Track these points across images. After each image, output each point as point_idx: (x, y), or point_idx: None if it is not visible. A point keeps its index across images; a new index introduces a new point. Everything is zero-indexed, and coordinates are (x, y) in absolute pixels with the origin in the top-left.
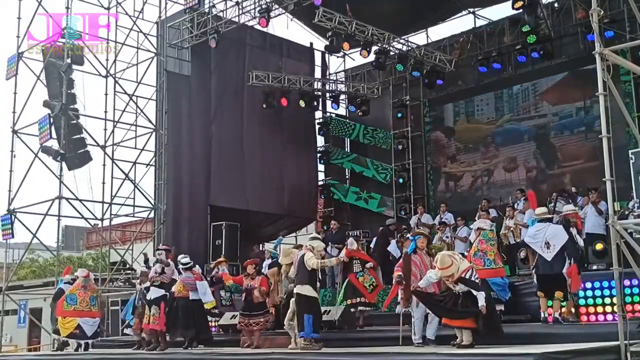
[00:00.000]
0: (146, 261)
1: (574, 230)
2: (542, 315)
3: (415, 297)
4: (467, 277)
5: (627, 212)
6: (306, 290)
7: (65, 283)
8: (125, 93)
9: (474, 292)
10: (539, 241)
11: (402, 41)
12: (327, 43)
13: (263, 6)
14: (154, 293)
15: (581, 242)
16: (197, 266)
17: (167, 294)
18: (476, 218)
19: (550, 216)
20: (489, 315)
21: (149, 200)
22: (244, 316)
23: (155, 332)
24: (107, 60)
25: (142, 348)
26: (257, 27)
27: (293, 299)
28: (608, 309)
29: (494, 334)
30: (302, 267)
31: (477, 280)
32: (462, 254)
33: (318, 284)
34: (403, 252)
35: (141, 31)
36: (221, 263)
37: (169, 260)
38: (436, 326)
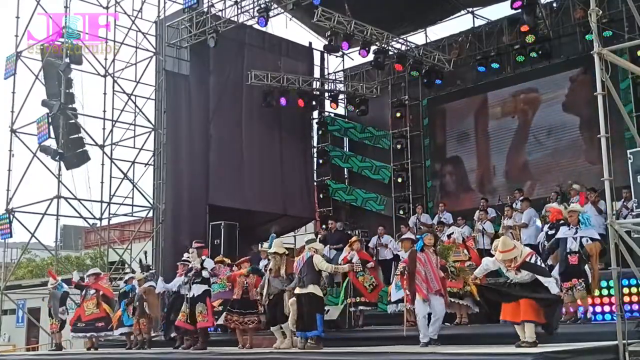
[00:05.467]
0: (141, 263)
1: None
2: None
3: (478, 291)
4: (531, 262)
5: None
6: (316, 290)
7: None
8: (124, 92)
9: (542, 279)
10: None
11: (400, 41)
12: (326, 42)
13: (262, 5)
14: (196, 289)
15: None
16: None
17: (210, 289)
18: (475, 218)
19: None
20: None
21: (147, 200)
22: (239, 314)
23: (202, 330)
24: (105, 59)
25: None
26: (256, 26)
27: (292, 300)
28: (606, 308)
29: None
30: (312, 268)
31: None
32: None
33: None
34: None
35: (140, 30)
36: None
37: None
38: (439, 325)
